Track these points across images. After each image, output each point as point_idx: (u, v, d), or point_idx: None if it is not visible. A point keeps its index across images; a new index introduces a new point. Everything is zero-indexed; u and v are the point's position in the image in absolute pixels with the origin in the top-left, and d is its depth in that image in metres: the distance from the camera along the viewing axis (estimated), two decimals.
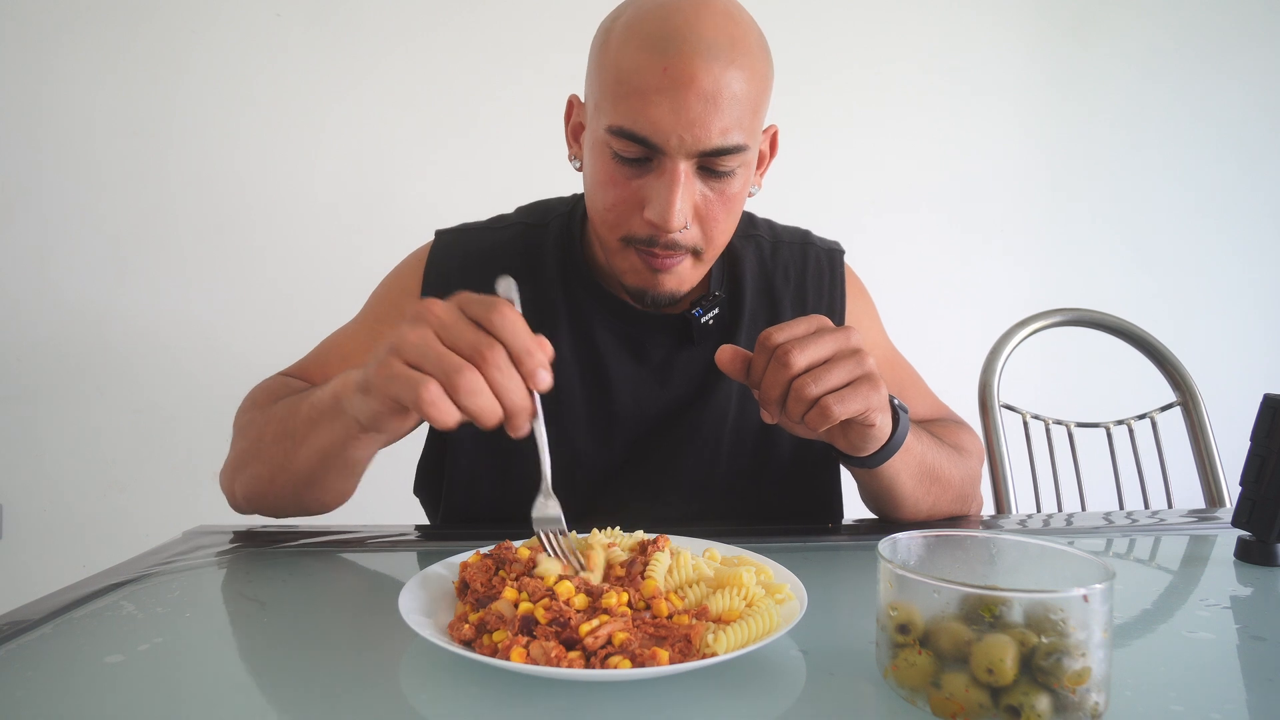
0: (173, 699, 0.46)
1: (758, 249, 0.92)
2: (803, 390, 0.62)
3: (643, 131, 0.70)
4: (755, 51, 0.72)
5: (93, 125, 2.04)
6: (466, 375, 0.52)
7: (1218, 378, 1.61)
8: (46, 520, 2.06)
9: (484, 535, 0.70)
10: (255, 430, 0.78)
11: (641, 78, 0.69)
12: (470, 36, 2.06)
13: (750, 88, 0.71)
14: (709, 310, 0.85)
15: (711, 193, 0.74)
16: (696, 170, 0.73)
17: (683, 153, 0.70)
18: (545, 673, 0.44)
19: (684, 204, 0.72)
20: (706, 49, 0.68)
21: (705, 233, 0.76)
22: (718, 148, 0.70)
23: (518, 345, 0.54)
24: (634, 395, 0.86)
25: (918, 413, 0.95)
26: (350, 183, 2.09)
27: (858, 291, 0.95)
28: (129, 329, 2.07)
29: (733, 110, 0.70)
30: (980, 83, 2.25)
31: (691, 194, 0.73)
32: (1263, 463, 0.68)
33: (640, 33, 0.70)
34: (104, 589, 0.63)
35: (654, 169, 0.72)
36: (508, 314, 0.54)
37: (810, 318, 0.66)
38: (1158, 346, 1.33)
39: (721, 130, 0.70)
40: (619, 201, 0.75)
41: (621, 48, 0.71)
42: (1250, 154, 2.32)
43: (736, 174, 0.74)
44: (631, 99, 0.70)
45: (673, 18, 0.70)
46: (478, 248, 0.90)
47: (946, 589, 0.41)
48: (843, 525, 0.86)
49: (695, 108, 0.68)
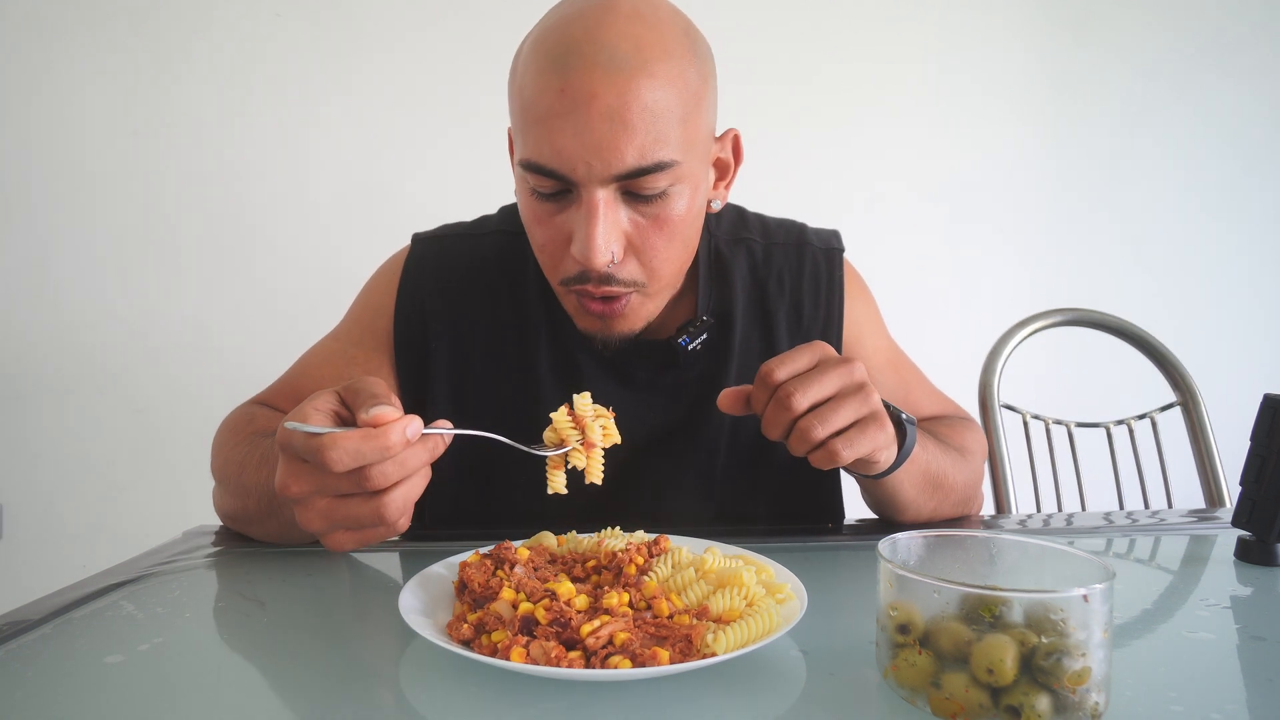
0: (173, 699, 0.46)
1: (749, 255, 0.86)
2: (808, 434, 0.59)
3: (549, 163, 0.64)
4: (676, 53, 0.65)
5: (92, 125, 2.04)
6: (387, 512, 0.53)
7: (1218, 378, 1.61)
8: (46, 520, 2.06)
9: (484, 535, 0.70)
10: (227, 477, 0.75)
11: (542, 103, 0.63)
12: (468, 36, 2.06)
13: (671, 94, 0.64)
14: (696, 338, 0.79)
15: (643, 218, 0.67)
16: (620, 196, 0.66)
17: (595, 180, 0.64)
18: (545, 673, 0.44)
19: (607, 236, 0.65)
20: (607, 60, 0.62)
21: (645, 264, 0.69)
22: (634, 169, 0.64)
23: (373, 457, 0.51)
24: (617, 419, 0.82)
25: (923, 411, 0.92)
26: (350, 183, 2.10)
27: (857, 291, 0.90)
28: (129, 329, 2.07)
29: (649, 124, 0.63)
30: (980, 81, 2.25)
31: (616, 223, 0.66)
32: (1263, 463, 0.68)
33: (540, 52, 0.65)
34: (104, 589, 0.63)
35: (573, 201, 0.67)
36: (340, 452, 0.50)
37: (812, 347, 0.62)
38: (1158, 346, 1.33)
39: (637, 149, 0.63)
40: (547, 242, 0.70)
41: (525, 72, 0.66)
42: (1251, 153, 2.32)
43: (671, 194, 0.67)
44: (536, 128, 0.64)
45: (571, 30, 0.64)
46: (454, 263, 0.85)
47: (946, 589, 0.41)
48: (843, 525, 0.86)
49: (600, 129, 0.62)
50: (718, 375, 0.82)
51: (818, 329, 0.86)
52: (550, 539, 0.64)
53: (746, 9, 2.12)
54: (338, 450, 0.50)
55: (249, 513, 0.72)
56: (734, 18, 2.11)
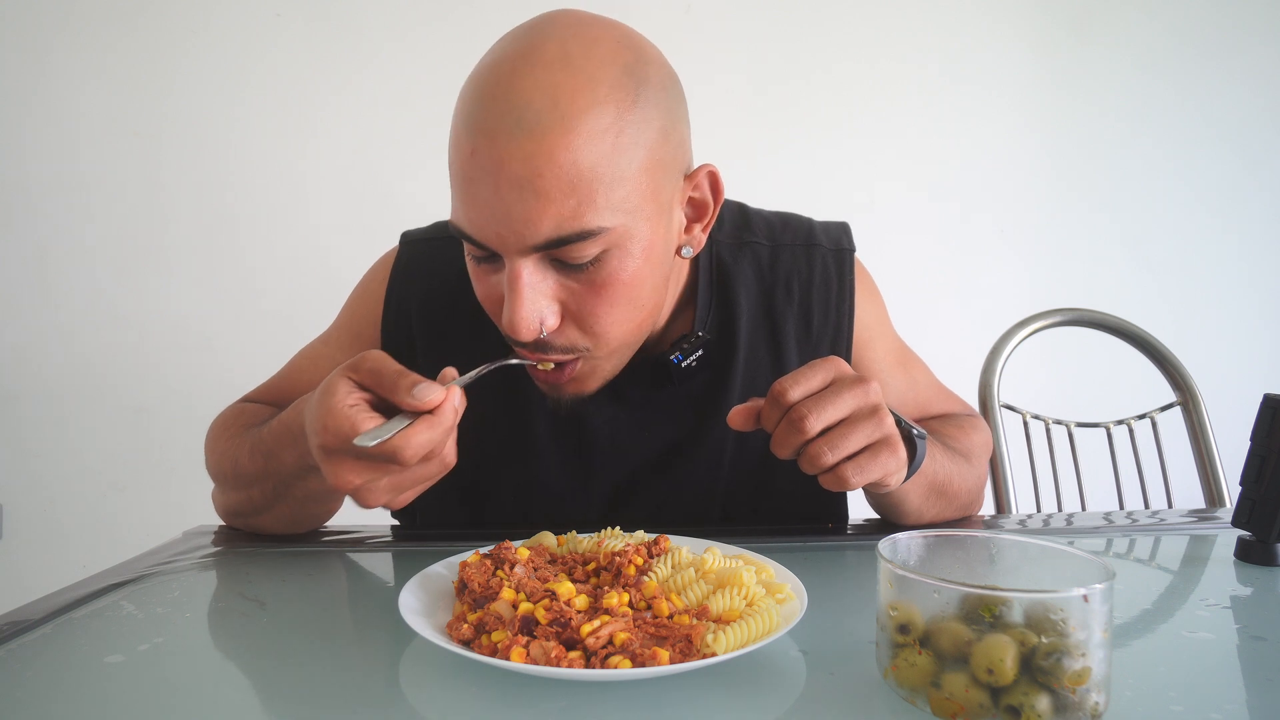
0: (173, 699, 0.46)
1: (755, 260, 0.82)
2: (819, 458, 0.57)
3: (466, 229, 0.60)
4: (608, 101, 0.57)
5: (91, 125, 2.04)
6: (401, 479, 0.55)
7: (1218, 378, 1.61)
8: (46, 520, 2.06)
9: (484, 535, 0.70)
10: (223, 473, 0.75)
11: (457, 164, 0.59)
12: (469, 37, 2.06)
13: (598, 153, 0.57)
14: (690, 354, 0.75)
15: (578, 284, 0.61)
16: (548, 263, 0.61)
17: (512, 251, 0.59)
18: (545, 673, 0.44)
19: (531, 307, 0.60)
20: (514, 123, 0.55)
21: (586, 330, 0.64)
22: (552, 239, 0.58)
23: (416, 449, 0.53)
24: (611, 438, 0.79)
25: (931, 409, 0.91)
26: (350, 183, 2.09)
27: (868, 293, 0.86)
28: (128, 328, 2.07)
29: (565, 192, 0.56)
30: (980, 81, 2.25)
31: (544, 292, 0.61)
32: (1263, 463, 0.68)
33: (461, 102, 0.60)
34: (104, 589, 0.63)
35: (502, 265, 0.62)
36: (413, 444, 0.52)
37: (826, 365, 0.60)
38: (1158, 346, 1.33)
39: (553, 220, 0.57)
40: (486, 300, 0.66)
41: (453, 120, 0.61)
42: (1251, 153, 2.32)
43: (607, 258, 0.60)
44: (456, 189, 0.60)
45: (486, 81, 0.58)
46: (442, 269, 0.82)
47: (946, 589, 0.41)
48: (843, 525, 0.86)
49: (509, 198, 0.56)
50: (721, 391, 0.79)
51: (827, 337, 0.83)
52: (550, 539, 0.64)
53: (747, 9, 2.12)
54: (412, 449, 0.52)
55: (254, 503, 0.72)
56: (734, 18, 2.12)
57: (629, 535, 0.62)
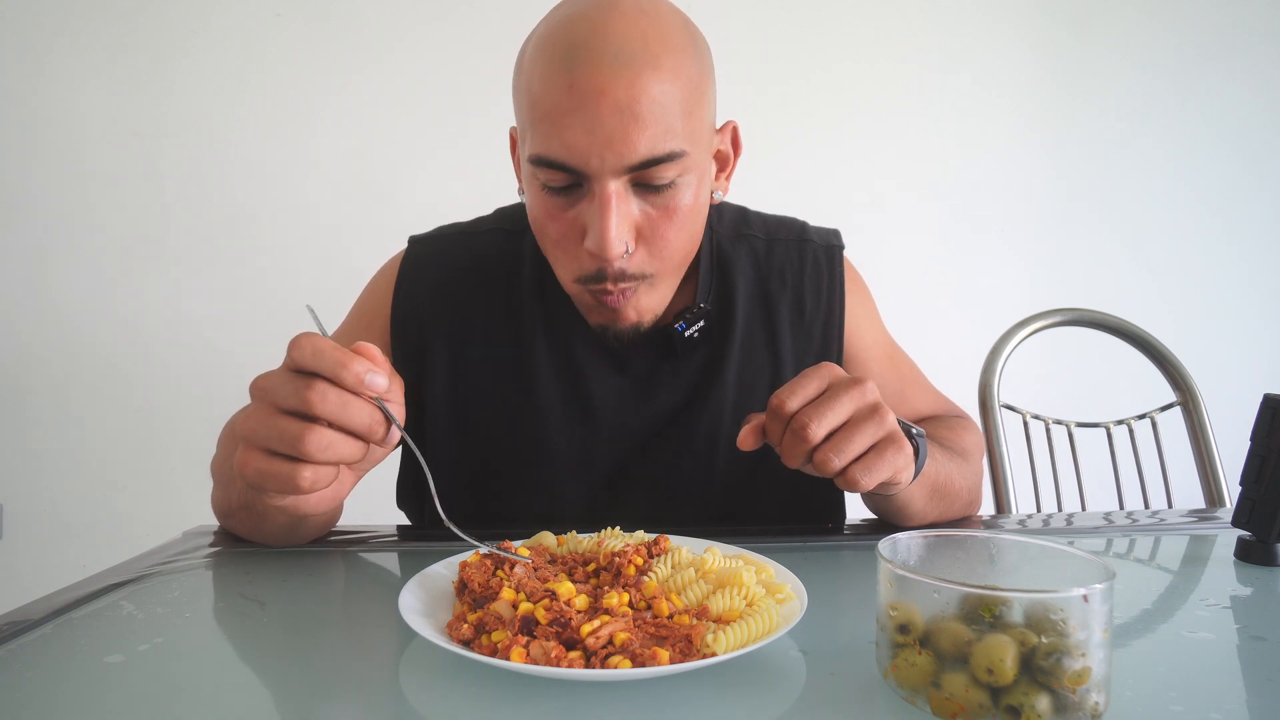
0: (173, 699, 0.46)
1: (751, 250, 0.88)
2: (826, 465, 0.59)
3: (560, 157, 0.65)
4: (680, 47, 0.67)
5: (91, 125, 2.04)
6: (309, 437, 0.51)
7: (1218, 378, 1.61)
8: (46, 520, 2.06)
9: (484, 535, 0.70)
10: (216, 472, 0.77)
11: (551, 99, 0.65)
12: (470, 37, 2.06)
13: (677, 88, 0.66)
14: (693, 324, 0.80)
15: (654, 209, 0.69)
16: (630, 188, 0.68)
17: (608, 172, 0.65)
18: (545, 673, 0.44)
19: (621, 227, 0.67)
20: (614, 56, 0.63)
21: (654, 253, 0.71)
22: (646, 159, 0.65)
23: (327, 368, 0.51)
24: (616, 409, 0.82)
25: (920, 409, 0.93)
26: (351, 183, 2.09)
27: (857, 288, 0.91)
28: (128, 329, 2.07)
29: (657, 117, 0.65)
30: (980, 81, 2.24)
31: (628, 215, 0.68)
32: (1263, 463, 0.68)
33: (546, 50, 0.66)
34: (104, 589, 0.63)
35: (585, 194, 0.68)
36: (305, 346, 0.52)
37: (820, 371, 0.62)
38: (1158, 346, 1.33)
39: (648, 141, 0.65)
40: (560, 237, 0.71)
41: (531, 69, 0.67)
42: (1251, 153, 2.32)
43: (680, 184, 0.69)
44: (545, 124, 0.66)
45: (577, 28, 0.65)
46: (451, 260, 0.86)
47: (946, 589, 0.41)
48: (843, 525, 0.86)
49: (610, 123, 0.64)
50: (718, 365, 0.83)
51: (819, 323, 0.87)
52: (550, 539, 0.64)
53: (747, 9, 2.12)
54: (301, 345, 0.52)
55: (230, 504, 0.73)
56: (734, 17, 2.12)
57: (629, 535, 0.62)
